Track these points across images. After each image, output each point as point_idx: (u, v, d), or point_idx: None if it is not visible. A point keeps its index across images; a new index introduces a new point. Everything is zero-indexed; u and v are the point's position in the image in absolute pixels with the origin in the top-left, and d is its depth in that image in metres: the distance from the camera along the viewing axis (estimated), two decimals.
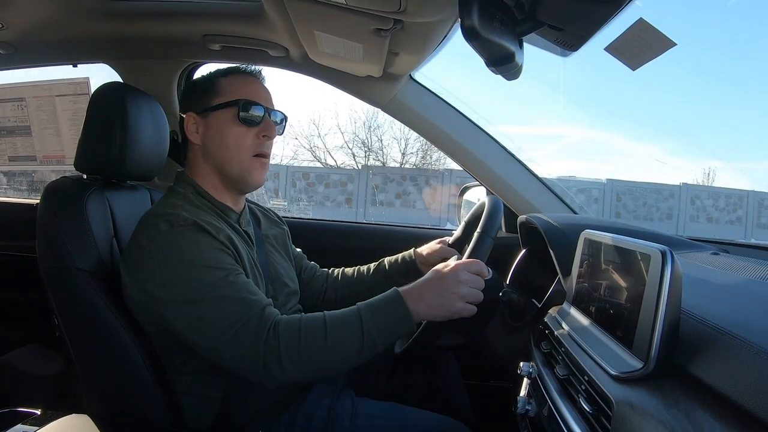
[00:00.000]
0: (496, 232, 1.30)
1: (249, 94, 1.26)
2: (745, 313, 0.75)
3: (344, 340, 1.05)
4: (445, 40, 1.49)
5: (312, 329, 1.05)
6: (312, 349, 1.04)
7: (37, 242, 1.28)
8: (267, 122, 1.27)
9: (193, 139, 1.28)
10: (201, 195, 1.27)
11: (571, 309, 1.00)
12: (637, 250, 0.73)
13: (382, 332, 1.07)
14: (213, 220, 1.20)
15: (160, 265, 1.10)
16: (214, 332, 1.05)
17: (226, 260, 1.12)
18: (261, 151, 1.27)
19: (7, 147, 2.12)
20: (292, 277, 1.46)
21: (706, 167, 23.18)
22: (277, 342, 1.03)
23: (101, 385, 1.24)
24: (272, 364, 1.03)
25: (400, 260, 1.58)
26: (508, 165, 1.89)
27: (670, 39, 0.92)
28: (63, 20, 1.64)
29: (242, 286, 1.09)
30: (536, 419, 0.98)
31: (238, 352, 1.04)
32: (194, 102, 1.29)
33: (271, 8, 1.43)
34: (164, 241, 1.11)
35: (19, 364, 1.88)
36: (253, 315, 1.05)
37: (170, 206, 1.19)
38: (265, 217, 1.51)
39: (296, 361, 1.03)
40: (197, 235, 1.12)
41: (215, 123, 1.26)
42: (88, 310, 1.22)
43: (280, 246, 1.48)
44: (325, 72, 1.84)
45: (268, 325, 1.05)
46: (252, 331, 1.04)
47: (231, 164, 1.26)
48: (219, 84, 1.28)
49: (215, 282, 1.07)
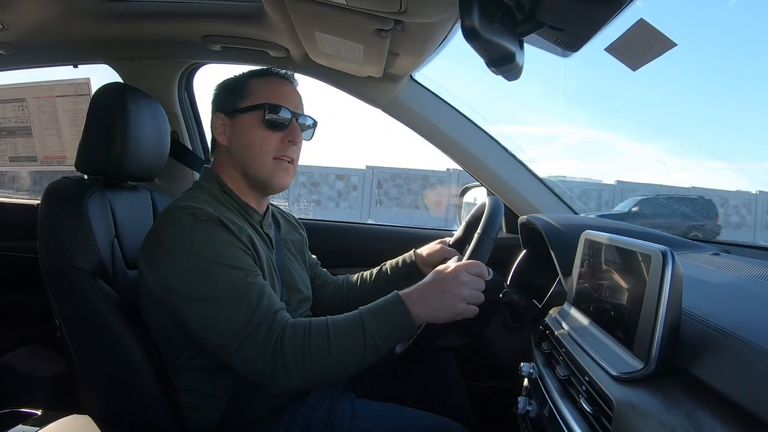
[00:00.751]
0: (497, 232, 1.29)
1: (276, 98, 1.26)
2: (746, 313, 0.75)
3: (347, 344, 1.05)
4: (446, 41, 1.49)
5: (316, 335, 1.05)
6: (316, 355, 1.04)
7: (38, 243, 1.28)
8: (293, 127, 1.27)
9: (220, 140, 1.29)
10: (226, 193, 1.28)
11: (572, 309, 1.00)
12: (638, 251, 0.73)
13: (384, 336, 1.07)
14: (236, 219, 1.20)
15: (181, 258, 1.10)
16: (226, 332, 1.05)
17: (246, 260, 1.13)
18: (284, 154, 1.27)
19: (7, 147, 2.12)
20: (306, 284, 1.46)
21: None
22: (283, 347, 1.03)
23: (102, 385, 1.24)
24: (279, 369, 1.03)
25: (401, 263, 1.59)
26: (508, 165, 1.89)
27: (670, 39, 0.92)
28: (64, 21, 1.64)
29: (259, 288, 1.09)
30: (537, 420, 0.98)
31: (248, 354, 1.04)
32: (223, 103, 1.30)
33: (271, 9, 1.43)
34: (187, 234, 1.11)
35: (19, 364, 1.88)
36: (265, 319, 1.05)
37: (195, 200, 1.19)
38: (285, 221, 1.52)
39: (301, 366, 1.03)
40: (220, 231, 1.12)
41: (241, 125, 1.26)
42: (88, 311, 1.22)
43: (298, 252, 1.49)
44: (326, 72, 1.84)
45: (278, 330, 1.05)
46: (263, 335, 1.04)
47: (254, 166, 1.26)
48: (248, 86, 1.28)
49: (233, 282, 1.07)
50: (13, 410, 1.08)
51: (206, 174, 1.32)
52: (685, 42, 25.14)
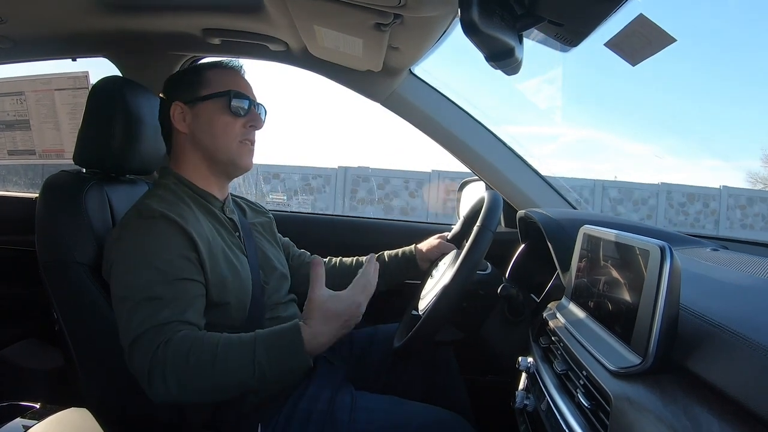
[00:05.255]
0: (496, 226, 1.30)
1: (236, 86, 1.32)
2: (744, 309, 0.75)
3: (232, 364, 1.03)
4: (445, 35, 1.48)
5: (202, 348, 1.04)
6: (196, 369, 1.03)
7: (36, 237, 1.28)
8: (253, 113, 1.34)
9: (180, 127, 1.31)
10: (184, 184, 1.30)
11: (570, 304, 1.00)
12: (636, 246, 0.73)
13: (273, 368, 1.04)
14: (190, 209, 1.23)
15: (118, 255, 1.15)
16: (123, 333, 1.09)
17: (175, 262, 1.13)
18: (247, 138, 1.34)
19: (6, 141, 2.12)
20: (282, 262, 1.49)
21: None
22: (165, 355, 1.03)
23: (100, 378, 1.24)
24: (156, 376, 1.03)
25: (401, 255, 1.59)
26: (507, 160, 1.89)
27: (670, 35, 0.92)
28: (62, 14, 1.64)
29: (168, 292, 1.10)
30: (534, 414, 0.98)
31: (134, 358, 1.06)
32: (181, 92, 1.32)
33: (270, 3, 1.42)
34: (129, 231, 1.17)
35: (18, 358, 1.88)
36: (154, 325, 1.06)
37: (148, 197, 1.24)
38: (249, 207, 1.55)
39: (180, 376, 1.03)
40: (160, 226, 1.15)
41: (204, 112, 1.30)
42: (87, 304, 1.22)
43: (268, 233, 1.52)
44: (325, 66, 1.84)
45: (162, 339, 1.04)
46: (147, 341, 1.05)
47: (221, 150, 1.31)
48: (206, 76, 1.33)
49: (144, 284, 1.09)
50: (11, 403, 1.09)
51: (162, 170, 1.35)
52: (686, 39, 25.13)
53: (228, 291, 1.21)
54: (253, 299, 1.27)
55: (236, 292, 1.23)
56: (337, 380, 1.33)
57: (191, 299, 1.12)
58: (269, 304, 1.33)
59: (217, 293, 1.19)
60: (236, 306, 1.23)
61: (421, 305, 1.38)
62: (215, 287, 1.19)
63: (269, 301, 1.34)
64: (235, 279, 1.23)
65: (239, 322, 1.23)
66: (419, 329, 1.27)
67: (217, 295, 1.19)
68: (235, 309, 1.23)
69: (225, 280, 1.21)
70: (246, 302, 1.26)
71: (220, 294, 1.20)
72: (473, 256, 1.25)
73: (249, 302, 1.26)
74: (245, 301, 1.26)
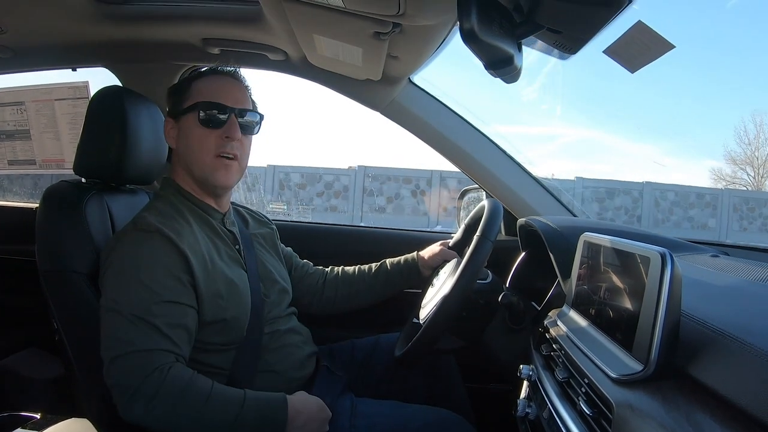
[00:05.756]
0: (496, 235, 1.30)
1: (213, 96, 1.25)
2: (745, 315, 0.75)
3: (218, 417, 1.06)
4: (444, 44, 1.48)
5: (197, 389, 1.06)
6: (185, 408, 1.05)
7: (36, 246, 1.28)
8: (231, 123, 1.25)
9: (169, 142, 1.32)
10: (184, 196, 1.28)
11: (571, 311, 1.00)
12: (637, 253, 0.73)
13: (254, 428, 1.08)
14: (186, 225, 1.21)
15: (111, 265, 1.15)
16: (106, 344, 1.09)
17: (167, 283, 1.12)
18: (224, 151, 1.25)
19: (6, 151, 2.12)
20: (284, 276, 1.46)
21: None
22: (159, 384, 1.04)
23: (101, 388, 1.24)
24: (141, 397, 1.03)
25: (402, 262, 1.59)
26: (507, 168, 1.89)
27: (668, 41, 0.92)
28: (62, 24, 1.64)
29: (157, 315, 1.10)
30: (536, 422, 0.97)
31: (115, 372, 1.07)
32: (170, 106, 1.31)
33: (270, 12, 1.43)
34: (123, 243, 1.16)
35: (18, 368, 1.87)
36: (142, 350, 1.06)
37: (147, 209, 1.23)
38: (252, 218, 1.52)
39: (167, 409, 1.04)
40: (155, 242, 1.14)
41: (183, 126, 1.27)
42: (86, 314, 1.22)
43: (270, 245, 1.49)
44: (324, 75, 1.84)
45: (154, 365, 1.05)
46: (134, 361, 1.06)
47: (197, 166, 1.26)
48: (191, 87, 1.29)
49: (134, 300, 1.09)
50: (12, 414, 1.08)
51: (163, 181, 1.33)
52: (685, 42, 25.16)
53: (223, 308, 1.20)
54: (253, 311, 1.26)
55: (232, 310, 1.22)
56: (337, 388, 1.33)
57: (179, 325, 1.12)
58: (269, 318, 1.32)
59: (212, 311, 1.18)
60: (233, 323, 1.22)
61: (422, 314, 1.38)
62: (210, 305, 1.18)
63: (269, 315, 1.32)
64: (232, 296, 1.22)
65: (236, 339, 1.23)
66: (420, 338, 1.27)
67: (213, 313, 1.18)
68: (232, 326, 1.22)
69: (220, 297, 1.20)
70: (244, 319, 1.24)
71: (216, 312, 1.19)
72: (472, 267, 1.25)
73: (248, 318, 1.25)
74: (242, 318, 1.24)
